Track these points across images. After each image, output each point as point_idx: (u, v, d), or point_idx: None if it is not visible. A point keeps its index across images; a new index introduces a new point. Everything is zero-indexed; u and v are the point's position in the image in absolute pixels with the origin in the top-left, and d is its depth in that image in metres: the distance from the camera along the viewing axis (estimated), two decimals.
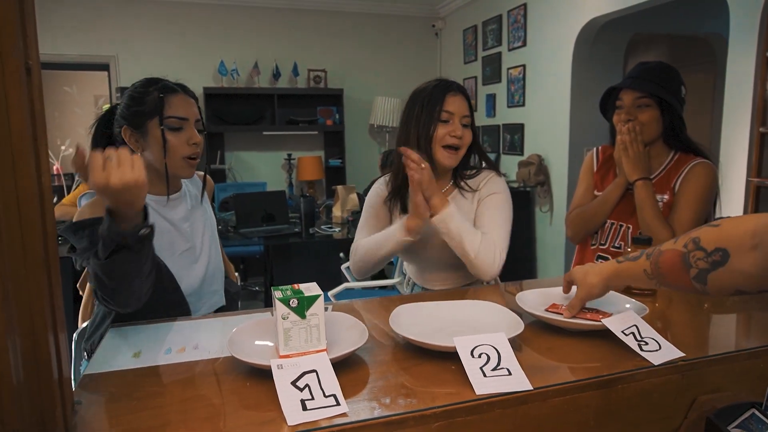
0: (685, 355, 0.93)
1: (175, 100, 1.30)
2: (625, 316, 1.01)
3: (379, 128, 5.85)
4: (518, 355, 0.90)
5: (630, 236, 1.62)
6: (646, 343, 0.95)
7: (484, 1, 5.13)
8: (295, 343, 0.89)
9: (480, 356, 0.87)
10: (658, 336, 0.97)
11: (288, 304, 0.88)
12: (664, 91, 1.57)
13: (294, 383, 0.80)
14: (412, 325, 1.03)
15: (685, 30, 4.54)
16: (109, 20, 5.07)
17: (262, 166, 5.72)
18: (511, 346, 0.90)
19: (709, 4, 3.98)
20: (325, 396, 0.78)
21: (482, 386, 0.82)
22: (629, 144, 1.58)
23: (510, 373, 0.85)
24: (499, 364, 0.86)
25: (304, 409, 0.76)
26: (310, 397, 0.78)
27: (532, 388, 0.82)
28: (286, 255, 4.04)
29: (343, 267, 3.33)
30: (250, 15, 5.45)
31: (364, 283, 3.02)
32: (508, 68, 4.80)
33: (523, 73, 4.59)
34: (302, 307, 0.88)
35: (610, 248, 1.67)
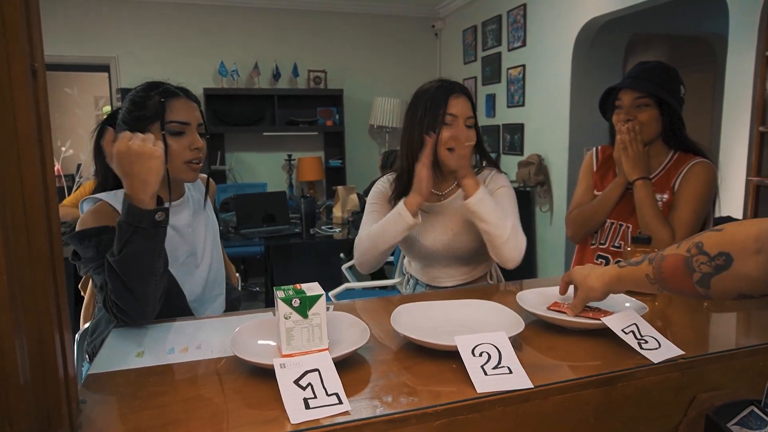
0: (684, 353, 0.94)
1: (177, 105, 1.29)
2: (624, 314, 1.02)
3: (379, 129, 5.86)
4: (519, 353, 0.91)
5: (630, 236, 1.63)
6: (646, 342, 0.95)
7: (483, 2, 5.14)
8: (298, 343, 0.89)
9: (481, 355, 0.88)
10: (658, 334, 0.98)
11: (290, 304, 0.88)
12: (663, 91, 1.57)
13: (296, 382, 0.81)
14: (413, 324, 1.04)
15: (685, 30, 4.55)
16: (110, 21, 5.08)
17: (262, 167, 5.73)
18: (512, 345, 0.90)
19: (708, 4, 3.99)
20: (328, 395, 0.79)
21: (483, 384, 0.83)
22: (629, 144, 1.59)
23: (511, 372, 0.85)
24: (499, 363, 0.87)
25: (307, 407, 0.77)
26: (313, 396, 0.79)
27: (532, 386, 0.83)
28: (287, 255, 4.05)
29: (344, 267, 3.33)
30: (250, 16, 5.45)
31: (365, 284, 3.03)
32: (508, 68, 4.81)
33: (523, 73, 4.59)
34: (304, 306, 0.89)
35: (610, 248, 1.68)
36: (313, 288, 0.93)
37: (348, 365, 0.92)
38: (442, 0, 5.73)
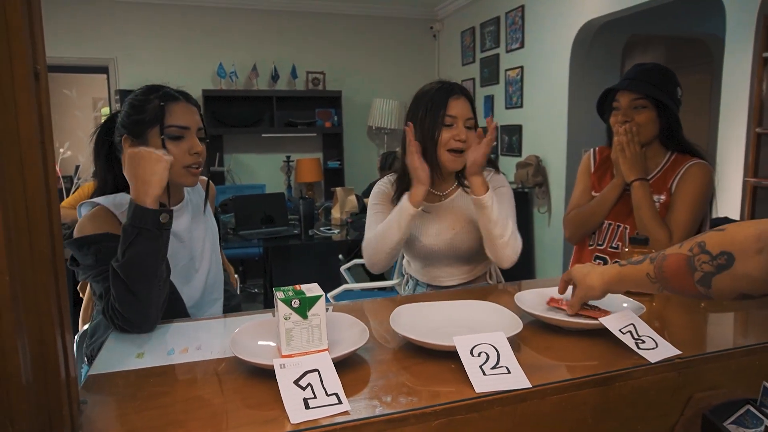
0: (681, 352, 0.94)
1: (176, 109, 1.28)
2: (622, 314, 1.03)
3: (377, 130, 5.87)
4: (517, 353, 0.91)
5: (627, 236, 1.63)
6: (643, 342, 0.96)
7: (481, 3, 5.15)
8: (297, 343, 0.90)
9: (479, 355, 0.89)
10: (655, 334, 0.98)
11: (290, 305, 0.89)
12: (660, 93, 1.58)
13: (296, 382, 0.81)
14: (412, 324, 1.05)
15: (682, 31, 4.56)
16: (108, 23, 5.08)
17: (260, 169, 5.73)
18: (510, 345, 0.91)
19: (705, 6, 4.00)
20: (327, 395, 0.80)
21: (482, 384, 0.83)
22: (626, 145, 1.60)
23: (509, 372, 0.86)
24: (498, 363, 0.87)
25: (307, 407, 0.77)
26: (313, 396, 0.79)
27: (530, 386, 0.84)
28: (286, 257, 4.05)
29: (343, 269, 3.33)
30: (249, 17, 5.46)
31: (363, 285, 3.03)
32: (506, 70, 4.82)
33: (521, 75, 4.60)
34: (304, 307, 0.90)
35: (608, 248, 1.69)
36: (312, 289, 0.93)
37: (347, 365, 0.92)
38: (440, 2, 5.74)
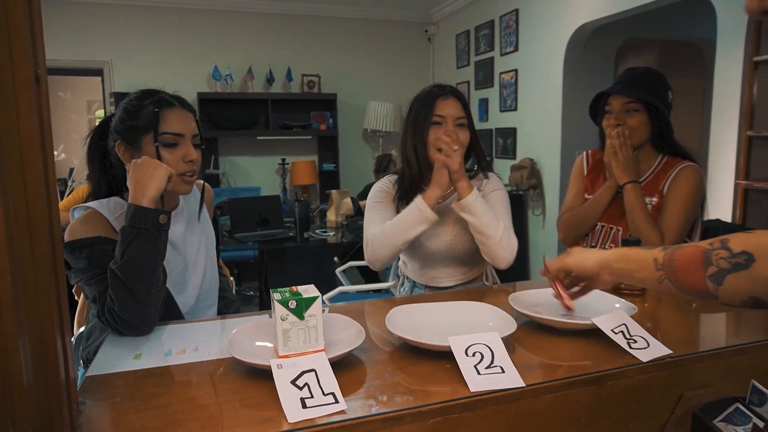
0: (672, 352, 0.96)
1: (171, 115, 1.25)
2: (614, 315, 1.04)
3: (372, 133, 5.88)
4: (511, 353, 0.93)
5: (620, 238, 1.65)
6: (635, 341, 0.98)
7: (476, 7, 5.18)
8: (294, 344, 0.91)
9: (474, 355, 0.90)
10: (647, 334, 1.00)
11: (287, 306, 0.90)
12: (652, 96, 1.60)
13: (293, 382, 0.82)
14: (408, 325, 1.06)
15: (675, 35, 4.60)
16: (103, 25, 5.07)
17: (256, 171, 5.73)
18: (504, 345, 0.92)
19: (698, 10, 4.04)
20: (324, 394, 0.81)
21: (476, 383, 0.84)
22: (618, 148, 1.62)
23: (503, 371, 0.87)
24: (492, 363, 0.89)
25: (304, 407, 0.78)
26: (310, 396, 0.80)
27: (524, 385, 0.85)
28: (281, 259, 4.05)
29: (338, 271, 3.34)
30: (244, 20, 5.47)
31: (359, 287, 3.04)
32: (501, 73, 4.84)
33: (515, 78, 4.63)
34: (301, 308, 0.90)
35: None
36: (309, 290, 0.94)
37: (344, 366, 0.93)
38: (435, 5, 5.77)
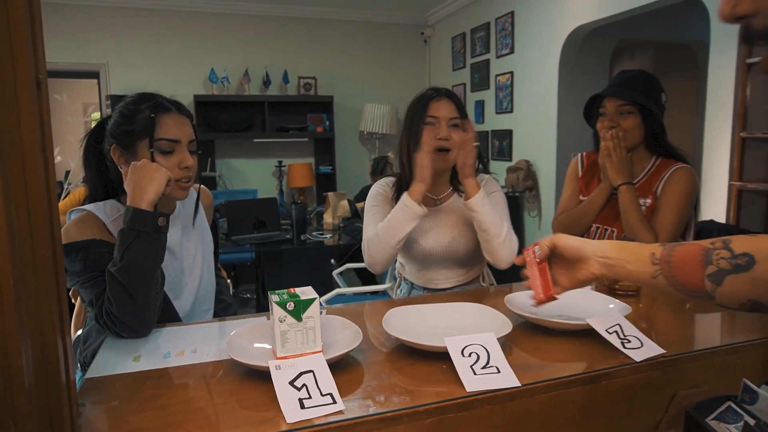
0: (665, 352, 0.97)
1: (167, 120, 1.24)
2: (608, 315, 1.06)
3: (369, 135, 5.90)
4: (507, 354, 0.94)
5: (615, 239, 1.67)
6: (629, 341, 0.99)
7: (472, 9, 5.20)
8: (292, 345, 0.92)
9: (470, 355, 0.91)
10: (641, 334, 1.01)
11: (285, 308, 0.91)
12: (645, 99, 1.62)
13: (292, 383, 0.83)
14: (404, 326, 1.07)
15: (669, 37, 4.63)
16: (99, 28, 5.07)
17: (252, 174, 5.73)
18: (500, 346, 0.93)
19: (691, 12, 4.07)
20: (322, 395, 0.81)
21: (472, 384, 0.85)
22: (613, 150, 1.64)
23: (499, 371, 0.88)
24: (488, 363, 0.90)
25: (302, 407, 0.79)
26: (308, 396, 0.81)
27: (520, 385, 0.86)
28: (278, 261, 4.05)
29: (335, 273, 3.35)
30: (241, 23, 5.48)
31: (355, 289, 3.04)
32: (496, 75, 4.86)
33: (511, 80, 4.65)
34: (298, 310, 0.91)
35: None
36: (306, 292, 0.95)
37: (341, 367, 0.94)
38: (431, 7, 5.79)
